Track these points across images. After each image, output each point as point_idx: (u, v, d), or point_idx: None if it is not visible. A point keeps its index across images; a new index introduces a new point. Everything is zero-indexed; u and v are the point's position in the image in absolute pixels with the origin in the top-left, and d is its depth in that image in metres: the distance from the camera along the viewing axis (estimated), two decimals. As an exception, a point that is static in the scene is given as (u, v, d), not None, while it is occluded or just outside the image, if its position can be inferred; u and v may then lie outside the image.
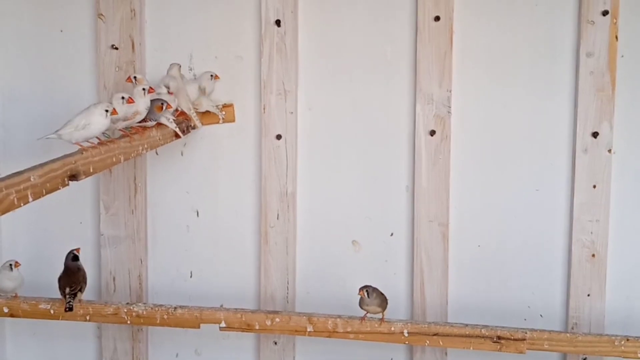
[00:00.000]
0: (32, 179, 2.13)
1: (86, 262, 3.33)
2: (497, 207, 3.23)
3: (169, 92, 3.03)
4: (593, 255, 3.13)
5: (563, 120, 3.14)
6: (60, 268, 3.13)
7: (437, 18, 3.11)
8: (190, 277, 3.46)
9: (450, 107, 3.16)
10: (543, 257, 3.21)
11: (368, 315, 2.99)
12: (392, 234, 3.31)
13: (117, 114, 2.65)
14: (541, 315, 3.23)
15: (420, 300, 3.25)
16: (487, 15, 3.15)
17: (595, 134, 3.07)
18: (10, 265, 3.05)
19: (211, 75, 3.25)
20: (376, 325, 2.97)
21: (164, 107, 2.92)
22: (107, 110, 2.59)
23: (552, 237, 3.20)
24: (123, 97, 2.73)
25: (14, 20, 3.43)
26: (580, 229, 3.13)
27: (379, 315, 2.99)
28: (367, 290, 2.93)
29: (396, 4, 3.19)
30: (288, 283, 3.31)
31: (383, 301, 2.97)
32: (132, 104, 2.74)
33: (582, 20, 3.04)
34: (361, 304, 2.95)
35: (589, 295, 3.14)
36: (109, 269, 3.44)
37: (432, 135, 3.18)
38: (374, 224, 3.32)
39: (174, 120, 3.01)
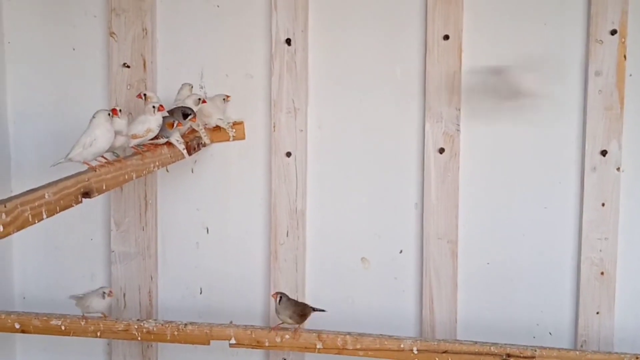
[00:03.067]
0: (46, 196, 2.14)
1: (97, 278, 3.42)
2: (506, 224, 3.23)
3: (202, 101, 3.06)
4: (602, 273, 3.13)
5: (572, 138, 3.14)
6: (72, 284, 3.27)
7: (446, 37, 3.13)
8: (200, 293, 3.46)
9: (459, 125, 3.17)
10: (552, 274, 3.21)
11: (282, 324, 3.01)
12: (401, 251, 3.31)
13: (117, 114, 2.63)
14: (550, 333, 3.22)
15: (430, 317, 3.25)
16: (495, 33, 3.16)
17: (604, 152, 3.08)
18: (104, 293, 3.10)
19: (223, 99, 3.27)
20: (385, 342, 2.96)
21: (175, 125, 2.92)
22: (109, 114, 2.57)
23: (561, 254, 3.19)
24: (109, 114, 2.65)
25: (26, 38, 3.46)
26: (589, 246, 3.13)
27: (295, 326, 3.00)
28: (280, 297, 2.95)
29: (406, 23, 3.20)
30: (297, 300, 3.27)
31: (295, 313, 2.97)
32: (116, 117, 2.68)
33: (590, 39, 3.05)
34: (276, 311, 2.99)
35: (598, 312, 3.14)
36: (119, 285, 3.44)
37: (441, 153, 3.19)
38: (383, 241, 3.32)
39: (182, 141, 3.02)
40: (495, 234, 3.24)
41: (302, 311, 2.99)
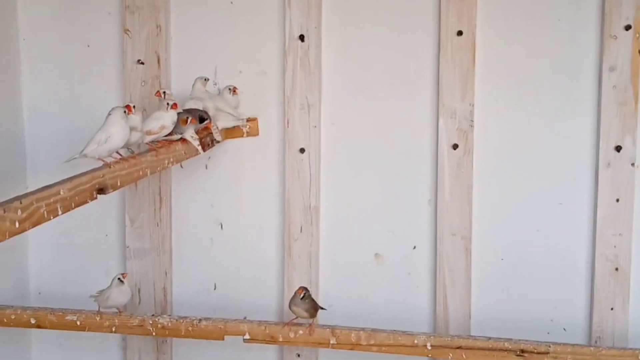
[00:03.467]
0: (61, 193, 2.16)
1: (111, 274, 3.34)
2: (520, 220, 3.22)
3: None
4: (616, 269, 3.11)
5: (586, 134, 3.12)
6: (87, 280, 3.34)
7: (459, 33, 3.12)
8: (214, 289, 3.48)
9: (472, 121, 3.16)
10: (566, 270, 3.20)
11: (296, 319, 3.01)
12: (414, 247, 3.31)
13: (132, 110, 2.64)
14: (564, 329, 3.22)
15: (443, 313, 3.25)
16: (509, 29, 3.16)
17: (618, 148, 3.07)
18: (119, 278, 3.08)
19: (229, 89, 3.28)
20: (399, 338, 2.97)
21: (189, 121, 2.93)
22: (125, 112, 2.59)
23: (575, 250, 3.18)
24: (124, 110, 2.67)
25: (41, 35, 3.48)
26: (603, 242, 3.11)
27: (309, 321, 3.01)
28: (304, 292, 2.94)
29: (419, 18, 3.20)
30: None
31: (311, 308, 2.97)
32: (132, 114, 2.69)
33: (604, 34, 3.03)
34: (291, 303, 2.97)
35: (612, 309, 3.13)
36: (134, 281, 3.45)
37: (454, 149, 3.18)
38: (397, 237, 3.33)
39: (197, 137, 3.02)
40: (509, 230, 3.23)
41: (315, 306, 3.00)
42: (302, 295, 2.93)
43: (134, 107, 2.69)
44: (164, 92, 3.08)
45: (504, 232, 3.24)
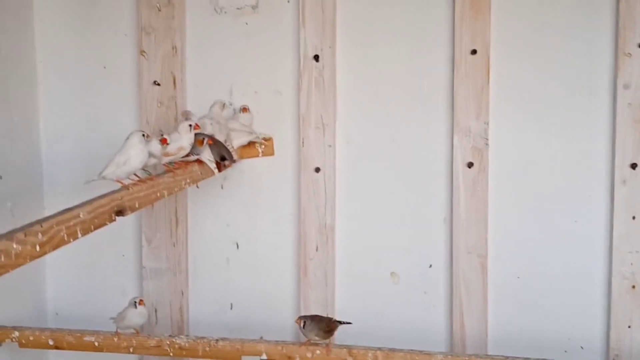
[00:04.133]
0: (81, 215, 2.17)
1: (129, 294, 3.44)
2: (536, 238, 3.24)
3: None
4: (633, 287, 3.12)
5: (601, 151, 3.14)
6: (104, 300, 3.42)
7: (473, 52, 3.15)
8: (231, 309, 3.51)
9: (487, 139, 3.19)
10: (583, 288, 3.21)
11: (312, 340, 3.02)
12: (430, 266, 3.34)
13: (150, 137, 2.68)
14: (582, 347, 3.23)
15: (460, 331, 3.26)
16: (523, 48, 3.18)
17: (633, 165, 3.08)
18: (135, 302, 3.11)
19: (240, 109, 3.32)
20: (416, 358, 2.95)
21: (205, 142, 2.96)
22: (143, 135, 2.63)
23: (592, 268, 3.19)
24: (161, 136, 2.79)
25: (58, 57, 3.53)
26: (619, 260, 3.12)
27: (326, 341, 3.02)
28: (304, 321, 2.96)
29: (433, 37, 3.23)
30: (327, 315, 3.30)
31: (321, 331, 2.97)
32: (166, 145, 2.79)
33: (618, 52, 3.05)
34: (303, 333, 3.00)
35: (629, 326, 3.13)
36: (150, 301, 3.48)
37: (469, 167, 3.20)
38: (413, 255, 3.35)
39: (213, 159, 3.06)
40: (525, 247, 3.25)
41: (327, 327, 3.01)
42: (302, 324, 2.96)
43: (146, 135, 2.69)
44: (188, 113, 3.17)
45: (520, 249, 3.26)
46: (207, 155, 2.99)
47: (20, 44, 3.45)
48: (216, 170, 3.05)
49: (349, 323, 3.11)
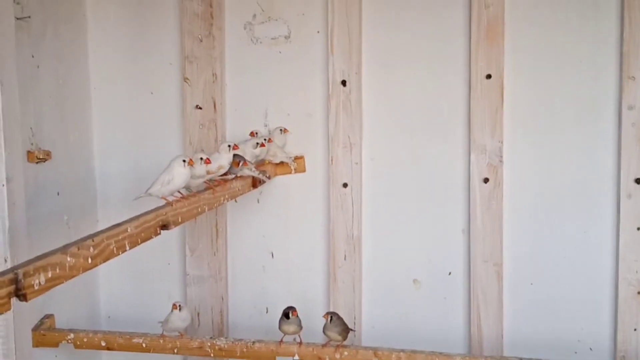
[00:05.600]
0: (129, 230, 2.26)
1: (173, 299, 3.49)
2: (547, 247, 3.31)
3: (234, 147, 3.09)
4: (638, 293, 3.21)
5: (608, 167, 3.23)
6: (151, 304, 3.50)
7: (488, 76, 3.24)
8: (267, 312, 3.59)
9: (502, 156, 3.27)
10: (592, 294, 3.28)
11: (330, 343, 3.08)
12: (450, 273, 3.42)
13: (193, 164, 2.74)
14: (591, 349, 3.31)
15: (477, 335, 3.34)
16: (534, 72, 3.26)
17: (638, 180, 3.17)
18: (179, 306, 3.18)
19: (280, 130, 3.41)
20: (437, 359, 2.99)
21: (241, 164, 3.08)
22: (184, 161, 2.70)
23: (600, 275, 3.27)
24: (202, 158, 2.85)
25: (110, 84, 3.63)
26: (625, 268, 3.21)
27: (341, 341, 3.08)
28: (331, 316, 3.02)
29: (451, 63, 3.31)
30: (355, 319, 3.43)
31: (344, 330, 3.04)
32: (209, 164, 2.89)
33: (623, 76, 3.15)
34: (324, 329, 3.05)
35: (635, 329, 3.22)
36: (194, 305, 3.57)
37: (485, 183, 3.29)
38: (433, 264, 3.42)
39: (257, 171, 3.16)
40: (537, 256, 3.32)
41: (347, 328, 3.09)
42: (329, 319, 3.02)
43: (185, 161, 2.76)
44: (256, 133, 3.30)
45: (533, 258, 3.33)
46: (250, 168, 3.11)
47: (76, 71, 3.52)
48: (262, 176, 3.16)
49: (353, 330, 3.24)
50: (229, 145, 2.99)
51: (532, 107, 3.29)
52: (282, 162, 3.44)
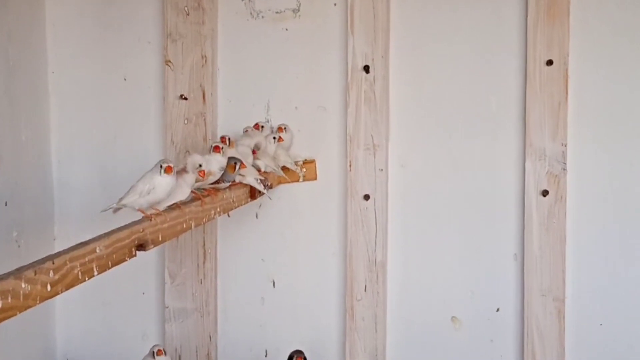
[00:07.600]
0: (97, 250, 2.08)
1: (149, 339, 3.39)
2: (622, 279, 3.15)
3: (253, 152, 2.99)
4: None
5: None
6: (121, 345, 3.35)
7: (549, 62, 3.06)
8: (265, 356, 3.41)
9: (565, 163, 3.10)
10: (677, 338, 3.12)
11: None
12: (498, 310, 3.24)
13: (171, 171, 2.51)
14: (671, 405, 3.13)
15: (533, 387, 3.18)
16: (607, 57, 3.10)
17: None
18: (153, 353, 2.98)
19: (274, 137, 3.23)
20: None
21: (237, 167, 2.83)
22: (161, 167, 2.50)
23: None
24: (200, 165, 2.63)
25: (72, 67, 3.48)
26: None
27: None
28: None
29: (503, 46, 3.17)
30: None
31: None
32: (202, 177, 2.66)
33: None
34: None
35: None
36: (174, 346, 3.38)
37: (544, 196, 3.11)
38: (477, 298, 3.27)
39: (261, 180, 2.98)
40: (609, 290, 3.16)
41: None
42: None
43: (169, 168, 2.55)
44: (262, 126, 3.17)
45: (604, 292, 3.16)
46: (253, 175, 2.93)
47: (31, 52, 3.40)
48: (265, 190, 3.02)
49: None
50: (219, 146, 2.74)
51: (603, 102, 3.11)
52: (285, 168, 3.28)
